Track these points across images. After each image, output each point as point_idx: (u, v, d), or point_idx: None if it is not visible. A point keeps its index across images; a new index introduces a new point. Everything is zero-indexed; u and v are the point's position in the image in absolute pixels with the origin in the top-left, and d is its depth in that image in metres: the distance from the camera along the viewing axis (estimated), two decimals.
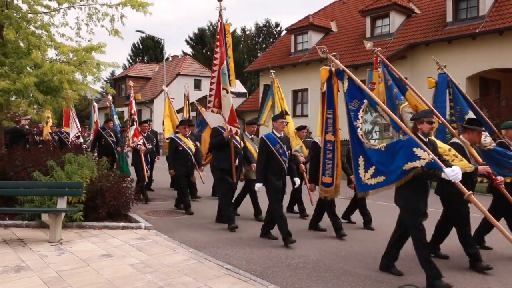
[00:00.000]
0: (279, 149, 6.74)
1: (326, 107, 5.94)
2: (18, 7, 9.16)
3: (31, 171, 7.78)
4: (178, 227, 7.83)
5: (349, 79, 5.50)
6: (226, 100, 8.00)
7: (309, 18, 24.83)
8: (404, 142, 4.82)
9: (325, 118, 5.99)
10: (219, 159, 7.94)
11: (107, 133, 12.38)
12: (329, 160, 6.06)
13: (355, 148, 5.35)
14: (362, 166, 5.25)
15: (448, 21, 18.43)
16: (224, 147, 7.86)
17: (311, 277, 5.24)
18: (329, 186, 6.16)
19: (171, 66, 42.19)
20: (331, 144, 6.03)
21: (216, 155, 8.14)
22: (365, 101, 5.34)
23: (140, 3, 9.06)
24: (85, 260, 5.51)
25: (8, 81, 8.02)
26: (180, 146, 9.23)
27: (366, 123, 5.36)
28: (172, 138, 9.45)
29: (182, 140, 9.34)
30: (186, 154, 9.26)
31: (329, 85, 5.86)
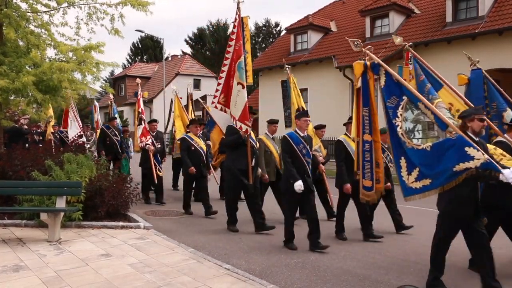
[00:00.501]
0: (302, 149, 6.41)
1: (362, 104, 5.57)
2: (17, 6, 9.14)
3: (30, 170, 7.77)
4: (177, 227, 7.83)
5: (386, 74, 5.17)
6: (240, 96, 7.54)
7: (308, 18, 24.82)
8: (454, 141, 4.45)
9: (361, 116, 5.60)
10: (235, 159, 7.52)
11: (112, 132, 12.16)
12: (367, 162, 5.61)
13: (395, 149, 5.03)
14: (404, 168, 4.89)
15: (447, 21, 18.43)
16: (240, 147, 7.48)
17: (310, 277, 5.24)
18: (370, 190, 5.66)
19: (171, 65, 42.17)
20: (369, 145, 5.57)
21: (231, 154, 7.72)
22: (404, 98, 5.00)
23: (140, 2, 9.03)
24: (84, 260, 5.50)
25: (7, 80, 8.00)
26: (192, 146, 9.00)
27: (407, 121, 5.02)
28: (184, 137, 9.24)
29: (194, 139, 9.12)
30: (198, 154, 9.02)
31: (364, 81, 5.51)
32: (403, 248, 6.50)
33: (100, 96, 46.64)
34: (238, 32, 7.77)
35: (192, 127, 9.31)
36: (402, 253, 6.31)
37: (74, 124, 13.69)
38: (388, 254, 6.25)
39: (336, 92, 21.15)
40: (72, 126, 13.74)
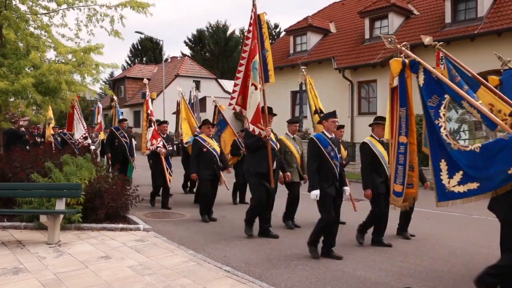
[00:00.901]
0: (330, 152, 6.07)
1: (398, 104, 5.22)
2: (16, 7, 9.14)
3: (29, 172, 7.76)
4: (177, 229, 7.82)
5: (425, 72, 4.86)
6: (253, 97, 7.24)
7: (308, 19, 24.84)
8: (507, 141, 4.15)
9: (398, 117, 5.25)
10: (255, 162, 7.19)
11: (121, 133, 11.96)
12: (400, 165, 5.28)
13: (434, 151, 4.74)
14: (444, 171, 4.59)
15: (446, 23, 18.45)
16: (260, 149, 7.18)
17: (310, 279, 5.23)
18: (399, 195, 5.31)
19: (170, 67, 42.20)
20: (404, 147, 5.24)
21: (251, 158, 7.36)
22: (446, 96, 4.69)
23: (140, 4, 9.04)
24: (83, 262, 5.49)
25: (7, 82, 8.00)
26: (204, 148, 8.57)
27: (451, 122, 4.71)
28: (196, 139, 8.82)
29: (206, 141, 8.70)
30: (211, 156, 8.60)
31: (401, 80, 5.16)
32: (403, 250, 6.50)
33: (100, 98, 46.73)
34: (254, 30, 7.43)
35: (205, 128, 8.92)
36: (402, 255, 6.31)
37: (79, 126, 13.52)
38: (388, 256, 6.24)
39: (336, 93, 21.14)
40: (77, 129, 13.56)
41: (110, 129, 12.87)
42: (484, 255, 6.31)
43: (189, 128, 11.07)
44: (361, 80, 20.80)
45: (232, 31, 56.22)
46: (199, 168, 8.56)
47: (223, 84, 42.26)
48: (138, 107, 40.46)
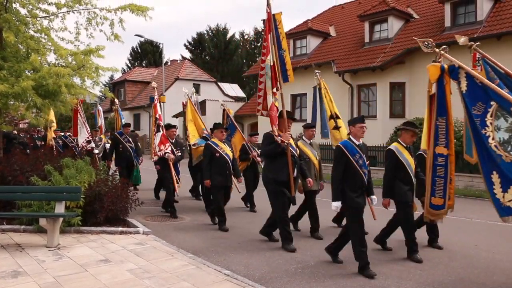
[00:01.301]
0: (358, 160, 5.69)
1: (436, 113, 4.85)
2: (16, 10, 9.16)
3: (29, 175, 7.76)
4: (176, 232, 7.81)
5: (468, 77, 4.49)
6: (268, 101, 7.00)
7: (307, 23, 24.89)
8: None
9: (435, 126, 4.89)
10: (275, 169, 6.79)
11: (125, 138, 11.75)
12: (440, 178, 4.92)
13: (484, 163, 4.43)
14: (497, 184, 4.30)
15: (446, 26, 18.50)
16: (280, 156, 6.76)
17: (310, 282, 5.23)
18: (440, 208, 5.00)
19: (170, 70, 42.25)
20: (443, 159, 4.87)
21: (270, 165, 6.96)
22: (493, 104, 4.33)
23: (140, 7, 9.06)
24: (83, 265, 5.49)
25: (7, 85, 8.01)
26: (216, 153, 8.12)
27: (499, 131, 4.35)
28: (208, 143, 8.39)
29: (219, 145, 8.26)
30: (223, 161, 8.15)
31: (440, 86, 4.80)
32: (402, 254, 6.49)
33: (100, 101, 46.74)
34: (267, 32, 7.07)
35: (217, 132, 8.46)
36: (401, 258, 6.30)
37: (83, 130, 13.39)
38: (387, 260, 6.23)
39: (335, 97, 20.88)
40: (81, 133, 13.42)
41: (113, 134, 12.72)
42: (484, 259, 6.32)
43: (195, 130, 10.75)
44: (361, 83, 20.82)
45: (232, 34, 56.37)
46: (211, 174, 8.15)
47: (223, 88, 42.30)
48: (138, 110, 40.50)
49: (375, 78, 20.00)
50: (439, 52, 4.86)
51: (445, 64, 4.77)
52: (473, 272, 5.73)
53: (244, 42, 58.46)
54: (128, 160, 11.66)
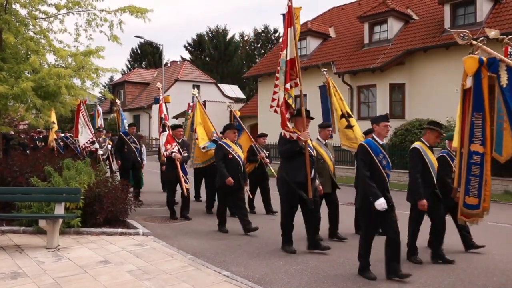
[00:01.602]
0: (382, 160, 5.45)
1: (472, 109, 4.59)
2: (16, 11, 9.17)
3: (29, 176, 7.76)
4: (176, 234, 7.80)
5: (509, 71, 4.22)
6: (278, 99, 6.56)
7: (307, 24, 24.91)
8: None
9: (470, 122, 4.65)
10: (291, 170, 6.48)
11: (130, 139, 11.43)
12: (475, 177, 4.70)
13: None
14: None
15: (445, 27, 18.50)
16: (297, 156, 6.48)
17: (310, 283, 5.22)
18: (474, 208, 4.75)
19: (170, 71, 42.27)
20: (479, 157, 4.64)
21: (286, 165, 6.60)
22: None
23: (139, 9, 9.07)
24: (82, 267, 5.48)
25: (6, 86, 8.01)
26: (229, 154, 7.92)
27: None
28: (221, 144, 8.14)
29: (231, 146, 8.04)
30: (236, 163, 7.96)
31: (477, 81, 4.51)
32: (403, 256, 6.48)
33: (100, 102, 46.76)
34: (286, 26, 6.68)
35: (230, 133, 8.18)
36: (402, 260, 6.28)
37: (85, 130, 12.89)
38: None
39: None
40: (83, 133, 12.93)
41: (118, 134, 12.40)
42: (484, 261, 6.32)
43: (205, 133, 10.42)
44: (361, 84, 20.84)
45: (232, 35, 56.43)
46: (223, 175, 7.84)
47: (223, 89, 42.32)
48: (137, 111, 40.50)
49: (374, 79, 20.01)
50: (477, 45, 4.65)
51: (483, 57, 4.51)
52: (473, 273, 5.72)
53: (244, 43, 58.53)
54: (134, 161, 11.40)
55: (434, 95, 17.99)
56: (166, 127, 9.47)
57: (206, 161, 10.03)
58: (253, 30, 61.56)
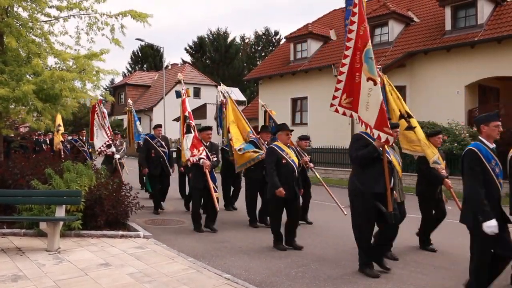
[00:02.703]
0: (495, 167, 4.54)
1: None
2: (18, 14, 9.18)
3: (29, 179, 7.75)
4: (177, 236, 7.79)
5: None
6: (373, 95, 5.46)
7: (308, 26, 24.96)
8: None
9: None
10: (368, 179, 5.51)
11: (157, 142, 10.20)
12: None
13: None
14: None
15: (446, 30, 18.52)
16: (375, 163, 5.50)
17: (311, 286, 5.21)
18: None
19: (171, 74, 42.29)
20: None
21: (361, 173, 5.63)
22: None
23: (140, 14, 9.10)
24: (83, 269, 5.47)
25: (8, 89, 8.02)
26: (283, 159, 6.91)
27: None
28: (272, 147, 7.09)
29: (285, 150, 7.04)
30: (290, 169, 6.93)
31: None
32: (403, 257, 6.47)
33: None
34: (361, 12, 5.67)
35: (282, 135, 7.15)
36: (402, 262, 6.28)
37: (101, 133, 12.06)
38: (389, 264, 6.20)
39: None
40: (98, 135, 12.08)
41: (143, 138, 11.15)
42: None
43: (239, 133, 9.32)
44: None
45: (233, 38, 56.50)
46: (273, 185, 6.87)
47: None
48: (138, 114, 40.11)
49: None
50: None
51: None
52: None
53: (244, 46, 58.61)
54: (162, 167, 10.19)
55: (435, 97, 17.99)
56: (192, 128, 8.39)
57: (243, 165, 8.98)
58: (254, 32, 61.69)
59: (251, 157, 8.69)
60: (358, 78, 5.68)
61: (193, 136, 8.28)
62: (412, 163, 13.32)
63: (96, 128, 12.03)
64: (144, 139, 10.70)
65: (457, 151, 14.62)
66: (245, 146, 8.92)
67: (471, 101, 17.94)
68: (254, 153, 8.69)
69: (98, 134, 11.99)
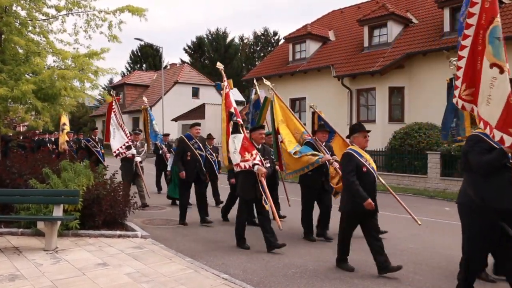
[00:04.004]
0: None
1: None
2: (17, 13, 9.17)
3: (27, 178, 7.74)
4: (175, 236, 7.79)
5: None
6: (497, 86, 4.22)
7: (307, 27, 24.98)
8: None
9: None
10: (494, 192, 4.31)
11: (195, 143, 8.87)
12: None
13: None
14: None
15: (445, 31, 18.55)
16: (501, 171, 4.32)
17: (308, 287, 5.21)
18: None
19: (169, 74, 42.32)
20: None
21: (482, 183, 4.38)
22: None
23: (137, 9, 9.10)
24: (80, 269, 5.46)
25: (6, 88, 8.00)
26: (363, 167, 5.76)
27: None
28: (350, 153, 5.84)
29: (363, 156, 5.87)
30: (372, 179, 5.83)
31: None
32: (401, 258, 6.48)
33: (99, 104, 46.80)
34: None
35: (359, 137, 5.98)
36: (400, 263, 6.28)
37: (119, 133, 10.85)
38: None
39: (335, 101, 21.21)
40: (115, 136, 10.85)
41: (179, 138, 9.56)
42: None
43: (290, 134, 8.21)
44: (360, 88, 20.87)
45: (232, 38, 56.50)
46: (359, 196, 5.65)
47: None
48: (137, 114, 40.42)
49: (374, 83, 20.04)
50: None
51: None
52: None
53: (243, 46, 58.61)
54: (198, 173, 8.92)
55: (433, 99, 17.98)
56: (239, 126, 7.17)
57: (298, 170, 7.84)
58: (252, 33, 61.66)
59: (309, 161, 7.51)
60: (479, 65, 4.54)
61: (244, 138, 7.07)
62: None
63: (113, 128, 10.90)
64: (180, 139, 9.22)
65: (455, 152, 14.67)
66: (301, 149, 7.74)
67: None
68: (313, 156, 7.52)
69: (115, 134, 10.81)
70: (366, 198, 5.55)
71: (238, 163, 6.99)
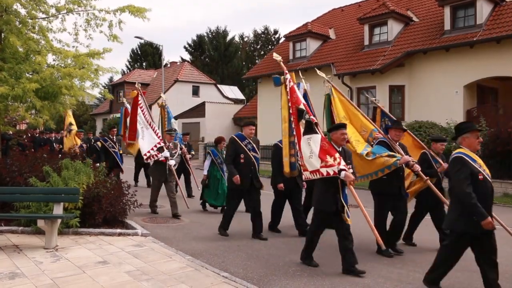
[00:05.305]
0: None
1: None
2: (17, 12, 9.16)
3: (27, 176, 7.75)
4: (175, 234, 7.79)
5: None
6: None
7: (307, 25, 24.94)
8: None
9: None
10: None
11: (248, 144, 7.70)
12: None
13: None
14: None
15: (445, 30, 18.51)
16: None
17: (308, 285, 5.21)
18: None
19: (170, 72, 42.25)
20: None
21: None
22: None
23: (139, 9, 9.08)
24: (80, 267, 5.47)
25: (7, 87, 7.99)
26: (479, 174, 4.78)
27: None
28: (461, 157, 4.83)
29: (477, 161, 4.87)
30: (488, 190, 4.88)
31: None
32: (402, 257, 6.48)
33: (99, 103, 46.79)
34: None
35: (471, 138, 4.96)
36: (400, 261, 6.29)
37: (148, 132, 9.60)
38: (386, 263, 6.22)
39: None
40: (144, 136, 9.63)
41: (231, 138, 7.94)
42: None
43: (356, 132, 7.24)
44: (360, 86, 20.83)
45: (232, 36, 56.49)
46: None
47: (223, 90, 42.33)
48: None
49: (374, 81, 20.02)
50: None
51: None
52: (472, 275, 5.71)
53: (243, 44, 58.57)
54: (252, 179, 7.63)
55: (433, 97, 18.01)
56: (315, 125, 6.05)
57: (371, 174, 6.76)
58: (253, 31, 61.56)
59: (386, 163, 6.49)
60: None
61: (322, 139, 5.90)
62: None
63: (141, 126, 9.67)
64: (232, 139, 7.83)
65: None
66: (373, 149, 6.75)
67: (469, 101, 17.96)
68: (390, 158, 6.49)
69: (144, 133, 9.57)
70: (485, 216, 4.60)
71: (318, 169, 5.79)
